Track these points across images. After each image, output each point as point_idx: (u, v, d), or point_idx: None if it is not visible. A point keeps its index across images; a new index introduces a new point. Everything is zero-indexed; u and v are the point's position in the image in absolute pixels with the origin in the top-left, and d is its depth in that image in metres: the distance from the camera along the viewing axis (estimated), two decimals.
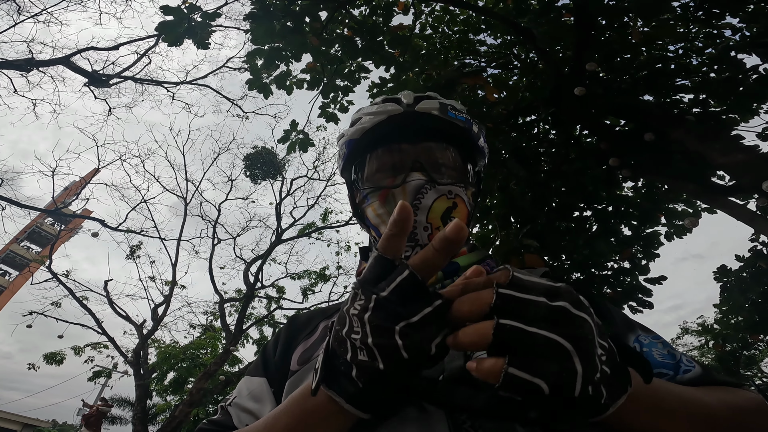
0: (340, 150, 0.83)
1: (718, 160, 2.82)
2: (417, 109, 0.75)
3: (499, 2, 4.15)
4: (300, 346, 0.71)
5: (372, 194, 0.75)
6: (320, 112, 4.47)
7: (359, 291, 0.44)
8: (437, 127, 0.75)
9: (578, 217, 3.85)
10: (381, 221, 0.75)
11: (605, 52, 3.44)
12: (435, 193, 0.71)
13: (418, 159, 0.73)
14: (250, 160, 12.67)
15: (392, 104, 0.77)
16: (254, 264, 11.98)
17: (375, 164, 0.76)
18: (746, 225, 2.97)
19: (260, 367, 0.74)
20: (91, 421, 10.32)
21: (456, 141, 0.77)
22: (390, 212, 0.73)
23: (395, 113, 0.75)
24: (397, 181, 0.72)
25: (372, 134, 0.76)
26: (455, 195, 0.73)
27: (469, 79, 3.87)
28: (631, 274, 3.65)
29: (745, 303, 5.04)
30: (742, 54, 3.05)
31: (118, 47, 9.74)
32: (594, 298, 0.67)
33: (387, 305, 0.41)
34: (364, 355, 0.42)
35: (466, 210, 0.75)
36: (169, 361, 12.19)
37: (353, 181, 0.82)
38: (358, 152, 0.79)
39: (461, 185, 0.75)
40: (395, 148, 0.75)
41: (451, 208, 0.72)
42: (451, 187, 0.73)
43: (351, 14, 4.05)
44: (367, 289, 0.43)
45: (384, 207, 0.73)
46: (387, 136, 0.75)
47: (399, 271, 0.42)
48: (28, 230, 30.06)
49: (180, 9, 3.26)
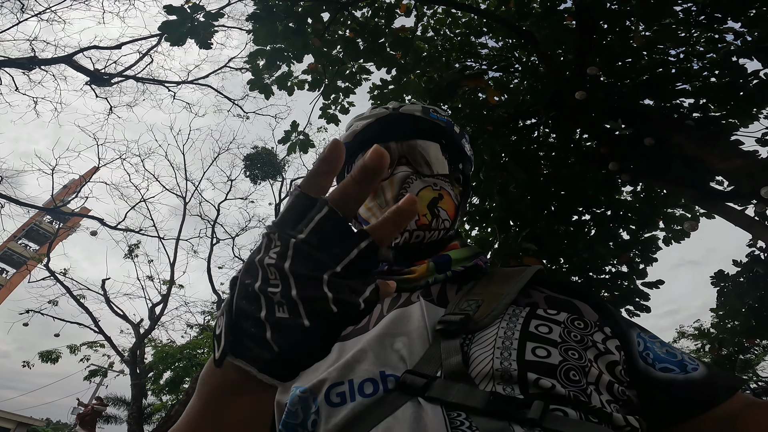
0: None
1: (717, 166, 2.83)
2: (401, 111, 0.80)
3: (501, 5, 4.16)
4: None
5: None
6: (321, 114, 4.47)
7: (274, 235, 0.36)
8: (420, 127, 0.80)
9: (577, 220, 3.86)
10: (371, 214, 0.77)
11: (606, 56, 3.45)
12: (421, 183, 0.74)
13: (404, 155, 0.77)
14: (250, 160, 12.68)
15: (380, 109, 0.82)
16: None
17: None
18: (744, 231, 2.98)
19: None
20: (86, 420, 10.31)
21: (438, 140, 0.81)
22: (380, 204, 0.75)
23: (382, 116, 0.80)
24: (385, 175, 0.75)
25: (362, 136, 0.80)
26: (440, 187, 0.76)
27: (471, 82, 3.88)
28: (628, 278, 3.66)
29: (742, 307, 5.05)
30: (743, 59, 3.05)
31: (121, 46, 9.74)
32: (591, 292, 0.68)
33: (308, 250, 0.35)
34: (283, 312, 0.34)
35: (453, 203, 0.78)
36: (165, 361, 12.14)
37: None
38: (349, 155, 0.82)
39: (446, 180, 0.78)
40: (383, 146, 0.77)
41: (437, 198, 0.74)
42: (436, 180, 0.76)
43: (353, 16, 4.06)
44: (284, 232, 0.36)
45: (374, 200, 0.76)
46: (375, 136, 0.79)
47: (318, 208, 0.36)
48: (26, 228, 29.97)
49: (183, 9, 3.27)
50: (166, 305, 11.57)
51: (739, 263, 4.81)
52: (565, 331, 0.56)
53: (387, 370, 0.52)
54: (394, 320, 0.60)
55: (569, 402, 0.47)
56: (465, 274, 0.71)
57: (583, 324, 0.58)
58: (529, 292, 0.65)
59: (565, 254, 3.74)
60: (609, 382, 0.52)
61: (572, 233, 3.76)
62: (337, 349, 0.58)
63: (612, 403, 0.50)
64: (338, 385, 0.52)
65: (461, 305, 0.61)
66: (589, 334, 0.57)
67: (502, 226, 3.64)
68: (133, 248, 12.42)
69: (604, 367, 0.54)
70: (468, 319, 0.57)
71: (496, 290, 0.63)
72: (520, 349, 0.52)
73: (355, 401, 0.50)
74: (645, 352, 0.60)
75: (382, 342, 0.56)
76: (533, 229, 3.51)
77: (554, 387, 0.48)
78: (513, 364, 0.50)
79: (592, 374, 0.51)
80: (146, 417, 11.88)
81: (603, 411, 0.48)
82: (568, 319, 0.58)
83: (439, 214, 0.73)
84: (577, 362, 0.51)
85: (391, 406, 0.48)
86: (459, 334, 0.55)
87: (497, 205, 3.77)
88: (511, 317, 0.58)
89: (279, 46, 3.69)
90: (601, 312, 0.63)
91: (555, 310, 0.60)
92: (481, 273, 0.72)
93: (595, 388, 0.50)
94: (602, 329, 0.59)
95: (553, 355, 0.51)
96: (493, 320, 0.57)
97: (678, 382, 0.56)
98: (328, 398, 0.52)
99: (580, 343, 0.54)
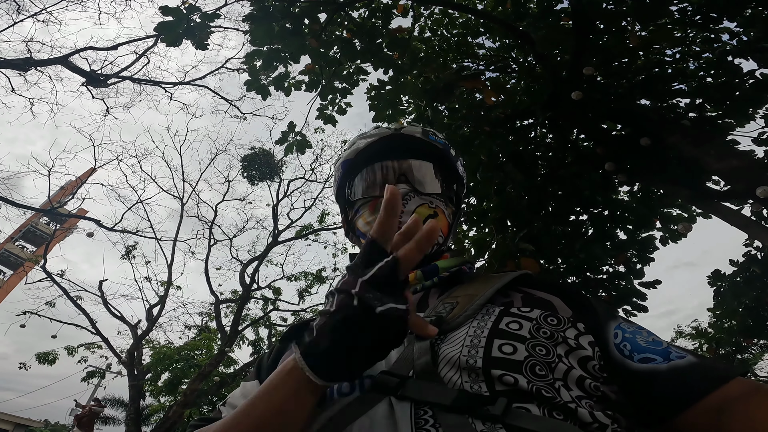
0: (336, 172, 0.93)
1: (713, 166, 2.83)
2: (403, 132, 0.85)
3: (498, 6, 4.16)
4: (287, 352, 0.73)
5: (363, 206, 0.84)
6: (318, 114, 4.47)
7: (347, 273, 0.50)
8: (419, 148, 0.85)
9: (574, 221, 3.86)
10: (370, 228, 0.79)
11: (603, 57, 3.46)
12: (418, 200, 0.79)
13: (403, 173, 0.82)
14: (247, 161, 12.64)
15: (383, 129, 0.87)
16: (250, 265, 11.94)
17: (366, 179, 0.85)
18: (740, 231, 2.99)
19: (255, 372, 0.78)
20: (84, 422, 10.25)
21: (435, 161, 0.86)
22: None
23: (385, 135, 0.85)
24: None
25: (364, 154, 0.85)
26: (436, 206, 0.81)
27: (468, 82, 3.88)
28: (626, 278, 3.66)
29: (739, 307, 5.07)
30: (739, 59, 3.06)
31: (117, 47, 9.70)
32: (571, 288, 0.68)
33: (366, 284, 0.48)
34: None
35: (447, 222, 0.82)
36: (163, 362, 12.11)
37: (346, 198, 0.90)
38: (352, 171, 0.88)
39: (441, 199, 0.83)
40: (384, 165, 0.84)
41: (432, 216, 0.79)
42: (432, 198, 0.81)
43: (350, 16, 4.06)
44: (352, 271, 0.50)
45: (373, 215, 0.81)
46: (377, 154, 0.84)
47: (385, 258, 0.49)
48: (23, 229, 29.89)
49: (179, 9, 3.26)
50: (163, 306, 11.54)
51: (736, 263, 4.83)
52: (534, 328, 0.56)
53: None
54: None
55: (533, 398, 0.48)
56: (449, 280, 0.74)
57: (556, 320, 0.59)
58: (508, 293, 0.66)
59: (562, 254, 3.74)
60: (579, 377, 0.52)
61: (569, 233, 3.77)
62: None
63: (583, 399, 0.50)
64: None
65: (437, 308, 0.64)
66: (560, 330, 0.57)
67: (499, 227, 3.64)
68: (131, 249, 12.39)
69: (575, 362, 0.54)
70: (440, 320, 0.60)
71: (473, 292, 0.65)
72: (487, 346, 0.54)
73: (334, 398, 0.55)
74: (622, 344, 0.58)
75: None
76: (530, 229, 3.51)
77: (517, 382, 0.49)
78: (478, 361, 0.52)
79: (559, 369, 0.51)
80: (144, 418, 11.84)
81: (567, 406, 0.48)
82: (540, 316, 0.59)
83: None
84: (544, 358, 0.52)
85: (366, 405, 0.51)
86: None
87: (494, 205, 3.77)
88: (484, 316, 0.60)
89: (276, 46, 3.69)
90: (577, 308, 0.63)
91: (528, 307, 0.61)
92: (465, 278, 0.75)
93: (563, 384, 0.51)
94: (575, 325, 0.59)
95: (519, 351, 0.53)
96: (465, 320, 0.59)
97: (660, 372, 0.53)
98: None
99: (549, 339, 0.55)
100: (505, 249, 3.34)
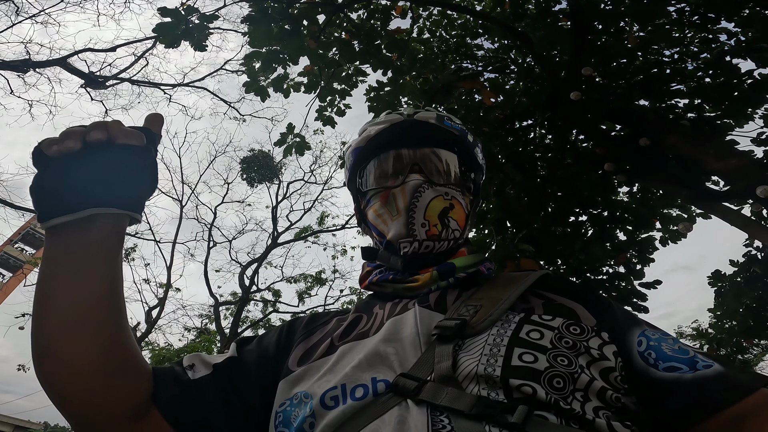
0: (347, 160, 0.88)
1: (712, 166, 2.83)
2: (416, 118, 0.80)
3: (497, 7, 4.16)
4: (299, 346, 0.70)
5: (374, 196, 0.80)
6: (317, 116, 4.47)
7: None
8: (434, 135, 0.80)
9: (574, 222, 3.86)
10: (381, 221, 0.78)
11: (601, 57, 3.46)
12: (432, 192, 0.75)
13: (416, 162, 0.77)
14: (246, 163, 12.65)
15: (394, 114, 0.82)
16: (250, 267, 11.96)
17: (377, 168, 0.81)
18: (740, 230, 2.98)
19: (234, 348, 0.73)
20: None
21: (452, 148, 0.81)
22: (390, 212, 0.76)
23: (396, 122, 0.80)
24: (397, 182, 0.76)
25: (375, 141, 0.81)
26: (452, 197, 0.77)
27: (466, 83, 3.88)
28: (626, 279, 3.66)
29: (740, 307, 5.06)
30: (737, 59, 3.06)
31: (116, 49, 9.71)
32: (593, 293, 0.67)
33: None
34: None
35: (464, 213, 0.79)
36: (162, 364, 12.08)
37: (358, 188, 0.86)
38: (362, 159, 0.84)
39: (458, 189, 0.79)
40: (396, 153, 0.79)
41: (448, 208, 0.75)
42: (448, 189, 0.77)
43: (349, 18, 4.06)
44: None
45: (385, 207, 0.77)
46: (389, 142, 0.80)
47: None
48: (22, 232, 29.84)
49: (177, 11, 3.26)
50: (162, 308, 11.55)
51: (736, 263, 4.81)
52: (557, 337, 0.55)
53: (378, 376, 0.55)
54: (390, 328, 0.62)
55: (550, 407, 0.47)
56: (467, 281, 0.72)
57: (579, 329, 0.58)
58: (528, 298, 0.65)
59: (562, 255, 3.73)
60: (601, 389, 0.51)
61: (569, 234, 3.76)
62: (339, 353, 0.62)
63: (602, 410, 0.49)
64: (332, 390, 0.55)
65: (460, 310, 0.62)
66: (583, 340, 0.56)
67: (498, 228, 3.64)
68: (130, 251, 12.38)
69: (597, 373, 0.53)
70: (464, 324, 0.58)
71: (496, 295, 0.64)
72: (507, 355, 0.53)
73: (346, 404, 0.53)
74: (647, 351, 0.57)
75: (376, 349, 0.58)
76: (530, 230, 3.51)
77: (536, 392, 0.48)
78: (497, 369, 0.51)
79: (581, 381, 0.50)
80: None
81: (584, 417, 0.47)
82: (562, 325, 0.58)
83: (449, 224, 0.75)
84: (566, 369, 0.51)
85: (381, 408, 0.51)
86: (454, 338, 0.56)
87: (494, 206, 3.77)
88: (504, 323, 0.59)
89: (275, 48, 3.68)
90: (601, 315, 0.62)
91: (550, 315, 0.60)
92: (484, 279, 0.73)
93: (582, 395, 0.50)
94: (599, 334, 0.58)
95: (540, 361, 0.51)
96: (490, 325, 0.58)
97: (684, 381, 0.52)
98: (323, 401, 0.54)
99: (572, 349, 0.54)
100: (504, 250, 3.34)
